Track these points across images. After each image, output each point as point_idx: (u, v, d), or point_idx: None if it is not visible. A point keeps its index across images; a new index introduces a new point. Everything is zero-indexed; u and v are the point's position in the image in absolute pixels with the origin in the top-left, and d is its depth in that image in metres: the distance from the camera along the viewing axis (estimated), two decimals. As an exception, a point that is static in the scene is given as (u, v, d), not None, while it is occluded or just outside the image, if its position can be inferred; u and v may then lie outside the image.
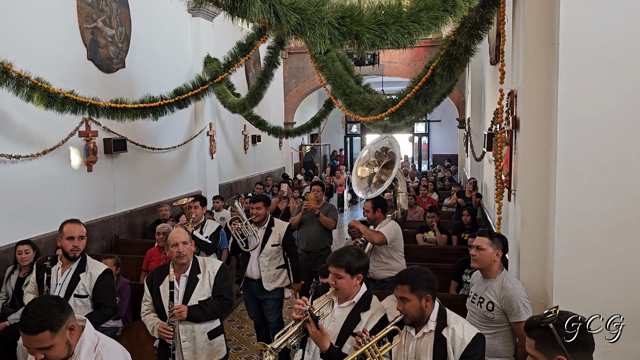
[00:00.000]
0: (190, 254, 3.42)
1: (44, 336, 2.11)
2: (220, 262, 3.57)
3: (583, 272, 3.04)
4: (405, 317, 2.63)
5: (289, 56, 14.83)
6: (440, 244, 6.81)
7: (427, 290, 2.62)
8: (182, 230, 3.47)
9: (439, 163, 19.38)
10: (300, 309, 2.60)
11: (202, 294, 3.39)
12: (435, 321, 2.62)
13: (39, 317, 2.14)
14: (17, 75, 4.73)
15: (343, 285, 2.77)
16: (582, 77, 2.97)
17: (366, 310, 2.79)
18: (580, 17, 2.93)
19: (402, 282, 2.64)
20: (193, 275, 3.42)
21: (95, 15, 6.62)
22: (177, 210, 7.39)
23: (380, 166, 5.40)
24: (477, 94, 10.93)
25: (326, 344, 2.58)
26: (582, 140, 2.99)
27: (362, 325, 2.74)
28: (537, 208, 3.28)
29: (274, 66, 7.91)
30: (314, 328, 2.56)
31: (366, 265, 2.87)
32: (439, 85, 4.08)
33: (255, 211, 4.84)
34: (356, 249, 2.91)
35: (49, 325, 2.12)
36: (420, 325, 2.65)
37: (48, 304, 2.20)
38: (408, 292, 2.60)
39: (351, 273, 2.76)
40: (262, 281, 4.78)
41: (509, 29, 3.89)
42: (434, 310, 2.66)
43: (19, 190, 5.49)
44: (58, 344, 2.15)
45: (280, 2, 2.20)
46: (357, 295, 2.83)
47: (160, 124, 7.71)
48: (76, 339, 2.23)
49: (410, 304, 2.60)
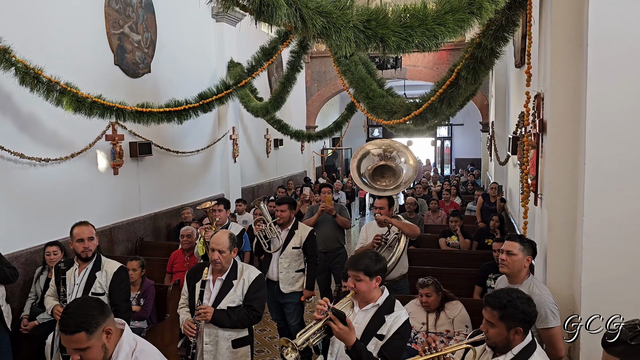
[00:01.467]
0: (226, 262, 3.39)
1: (80, 337, 2.11)
2: (259, 272, 3.50)
3: (612, 278, 2.98)
4: (487, 339, 2.47)
5: (311, 60, 14.88)
6: (464, 248, 6.75)
7: (521, 323, 2.38)
8: (223, 236, 3.41)
9: (461, 167, 19.20)
10: (321, 309, 2.59)
11: (232, 300, 3.37)
12: (515, 354, 2.41)
13: (77, 317, 2.14)
14: (47, 81, 4.85)
15: (363, 288, 2.77)
16: (611, 79, 2.92)
17: (391, 313, 2.79)
18: (610, 18, 2.88)
19: (493, 305, 2.41)
20: (229, 280, 3.40)
21: (122, 22, 6.75)
22: (201, 213, 7.46)
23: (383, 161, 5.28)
24: (502, 97, 10.80)
25: (352, 338, 2.54)
26: (611, 143, 2.94)
27: (387, 327, 2.74)
28: (565, 212, 3.23)
29: (297, 70, 7.95)
30: (339, 325, 2.52)
31: (384, 267, 2.87)
32: (464, 89, 4.05)
33: (279, 213, 4.87)
34: (373, 252, 2.90)
35: (86, 327, 2.12)
36: (500, 352, 2.46)
37: (88, 305, 2.21)
38: (497, 318, 2.39)
39: (370, 275, 2.76)
40: (280, 283, 4.80)
41: (535, 31, 3.84)
42: (521, 344, 2.42)
43: (48, 193, 5.61)
44: (94, 347, 2.14)
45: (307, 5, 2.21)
46: (380, 298, 2.83)
47: (185, 127, 7.81)
48: (113, 343, 2.22)
49: (496, 331, 2.41)
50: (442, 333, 4.11)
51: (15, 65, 4.61)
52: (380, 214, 4.81)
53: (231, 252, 3.41)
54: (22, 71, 4.66)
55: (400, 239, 4.79)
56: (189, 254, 5.83)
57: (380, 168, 5.30)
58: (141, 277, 4.89)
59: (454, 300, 4.29)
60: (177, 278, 5.52)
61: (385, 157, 5.30)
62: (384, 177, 5.31)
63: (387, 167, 5.25)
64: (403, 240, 4.80)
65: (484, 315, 2.47)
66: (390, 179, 5.25)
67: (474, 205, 9.56)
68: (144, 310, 4.78)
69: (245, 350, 3.48)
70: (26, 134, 5.34)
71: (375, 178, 5.28)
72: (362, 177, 5.24)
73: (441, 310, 4.21)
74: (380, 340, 2.73)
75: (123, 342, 2.24)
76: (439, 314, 4.20)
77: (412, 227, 4.81)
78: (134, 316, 4.74)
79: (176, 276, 5.69)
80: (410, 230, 4.77)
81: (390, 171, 5.26)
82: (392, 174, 5.26)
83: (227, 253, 3.38)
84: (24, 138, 5.30)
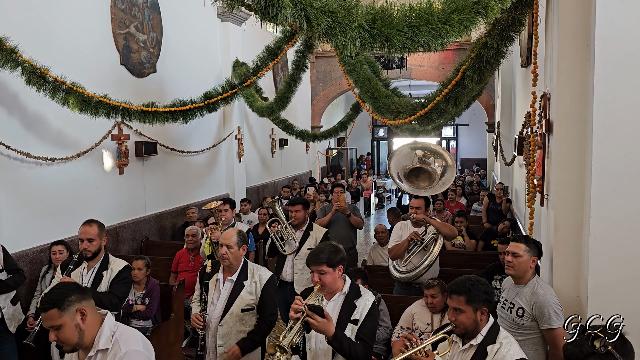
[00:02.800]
0: (234, 259, 3.37)
1: (52, 314, 2.21)
2: (270, 274, 3.48)
3: (619, 280, 2.96)
4: (457, 327, 2.55)
5: (316, 60, 14.86)
6: (469, 249, 6.72)
7: (484, 303, 2.52)
8: (232, 232, 3.42)
9: (467, 167, 19.14)
10: (297, 308, 2.63)
11: (245, 303, 3.34)
12: (484, 335, 2.53)
13: (52, 295, 2.27)
14: (53, 80, 4.86)
15: (327, 280, 2.83)
16: (618, 79, 2.90)
17: (359, 298, 2.88)
18: (617, 17, 2.86)
19: (458, 292, 2.54)
20: (239, 281, 3.37)
21: (128, 21, 6.77)
22: (206, 213, 7.47)
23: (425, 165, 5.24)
24: (507, 97, 10.76)
25: (332, 329, 2.62)
26: (618, 144, 2.92)
27: (359, 311, 2.83)
28: (571, 213, 3.21)
29: (302, 70, 7.94)
30: (318, 319, 2.59)
31: (344, 256, 2.92)
32: (469, 88, 4.04)
33: (294, 214, 4.86)
34: (329, 244, 2.96)
35: (58, 304, 2.22)
36: (470, 338, 2.57)
37: (66, 287, 2.32)
38: (464, 303, 2.51)
39: (332, 267, 2.83)
40: (295, 284, 4.79)
41: (542, 31, 3.82)
42: (487, 325, 2.56)
43: (53, 192, 5.63)
44: (66, 325, 2.23)
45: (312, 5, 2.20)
46: (345, 286, 2.92)
47: (190, 127, 7.82)
48: (91, 327, 2.29)
49: (465, 316, 2.52)
50: (447, 334, 4.09)
51: (22, 65, 4.63)
52: (416, 214, 4.73)
53: (239, 249, 3.38)
54: (28, 71, 4.67)
55: (437, 240, 4.69)
56: (194, 254, 5.84)
57: (417, 169, 5.25)
58: (146, 276, 4.90)
59: (459, 301, 4.26)
60: (182, 277, 5.53)
61: (424, 161, 5.26)
62: (419, 178, 5.24)
63: (424, 170, 5.20)
64: (440, 242, 4.71)
65: (450, 304, 2.58)
66: (426, 181, 5.19)
67: (479, 206, 9.52)
68: (148, 310, 4.79)
69: (256, 353, 3.47)
70: (32, 134, 5.36)
71: (410, 178, 5.22)
72: (398, 175, 5.15)
73: (446, 311, 4.19)
74: (355, 324, 2.81)
75: (104, 327, 2.32)
76: (444, 315, 4.18)
77: (451, 228, 4.78)
78: (139, 315, 4.76)
79: (181, 275, 5.70)
80: (449, 231, 4.72)
81: (425, 173, 5.20)
82: (427, 177, 5.19)
83: (235, 249, 3.36)
84: (30, 137, 5.33)
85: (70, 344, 2.27)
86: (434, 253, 4.63)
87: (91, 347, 2.30)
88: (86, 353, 2.31)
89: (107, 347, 2.28)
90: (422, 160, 5.16)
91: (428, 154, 5.17)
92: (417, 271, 4.65)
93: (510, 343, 2.51)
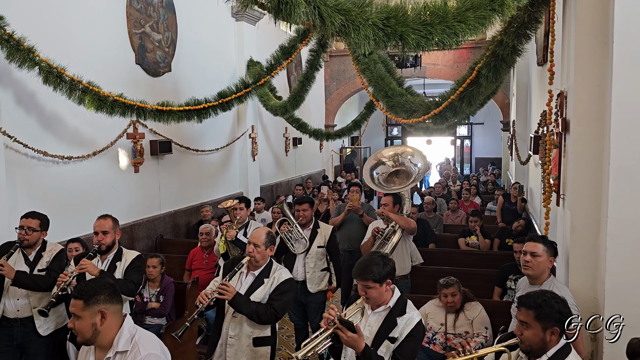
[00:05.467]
0: (261, 257, 3.42)
1: (77, 303, 2.29)
2: (289, 275, 3.50)
3: (637, 281, 2.92)
4: (522, 343, 2.38)
5: (330, 59, 14.85)
6: (483, 248, 6.67)
7: (557, 323, 2.31)
8: (262, 232, 3.48)
9: (481, 166, 18.98)
10: (329, 318, 2.56)
11: (258, 297, 3.37)
12: (549, 357, 2.34)
13: (85, 286, 2.34)
14: (69, 80, 4.92)
15: (374, 294, 2.75)
16: (637, 77, 2.85)
17: (402, 315, 2.77)
18: (636, 14, 2.82)
19: (528, 305, 2.35)
20: (260, 278, 3.43)
21: (143, 21, 6.82)
22: (220, 211, 7.51)
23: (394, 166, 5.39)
24: (523, 96, 10.65)
25: (361, 345, 2.53)
26: (637, 143, 2.87)
27: (399, 329, 2.72)
28: (588, 213, 3.17)
29: (316, 69, 7.93)
30: (348, 334, 2.51)
31: (392, 269, 2.82)
32: (484, 87, 3.99)
33: (302, 213, 4.87)
34: (380, 255, 2.84)
35: (85, 297, 2.29)
36: (536, 357, 2.38)
37: (101, 284, 2.37)
38: (532, 318, 2.33)
39: (380, 282, 2.73)
40: (307, 283, 4.80)
41: (558, 28, 3.77)
42: (556, 346, 2.34)
43: (70, 190, 5.70)
44: (84, 319, 2.28)
45: (325, 3, 2.20)
46: (392, 300, 2.81)
47: (204, 126, 7.85)
48: (110, 329, 2.32)
49: (532, 332, 2.33)
50: (461, 334, 4.07)
51: (39, 65, 4.69)
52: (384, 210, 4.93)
53: (267, 249, 3.44)
54: (45, 70, 4.73)
55: (396, 231, 4.87)
56: (208, 252, 5.87)
57: (395, 172, 5.37)
58: (160, 274, 4.94)
59: (474, 301, 4.24)
60: (195, 275, 5.56)
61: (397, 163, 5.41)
62: (398, 177, 5.35)
63: (401, 170, 5.33)
64: (398, 233, 4.87)
65: (518, 317, 2.40)
66: (403, 179, 5.31)
67: (494, 205, 9.44)
68: (163, 307, 4.82)
69: (265, 350, 3.45)
70: (49, 132, 5.43)
71: (389, 181, 5.35)
72: (374, 181, 5.36)
73: (460, 311, 4.16)
74: (392, 343, 2.71)
75: (124, 329, 2.36)
76: (458, 314, 4.15)
77: (407, 220, 4.91)
78: (153, 313, 4.79)
79: (195, 273, 5.73)
80: (404, 223, 4.85)
81: (403, 173, 5.32)
82: (405, 175, 5.31)
83: (262, 248, 3.41)
84: (47, 136, 5.40)
85: (83, 337, 2.32)
86: (392, 243, 4.79)
87: (110, 347, 2.33)
88: (104, 353, 2.34)
89: (126, 349, 2.32)
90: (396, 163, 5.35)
91: (397, 157, 5.39)
92: None
93: None
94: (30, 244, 3.97)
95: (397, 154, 5.39)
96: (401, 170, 5.28)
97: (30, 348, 4.01)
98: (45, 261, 4.01)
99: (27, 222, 3.94)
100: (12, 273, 3.78)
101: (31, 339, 3.98)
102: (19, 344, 3.98)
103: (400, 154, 5.38)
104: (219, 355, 3.44)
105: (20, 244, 3.94)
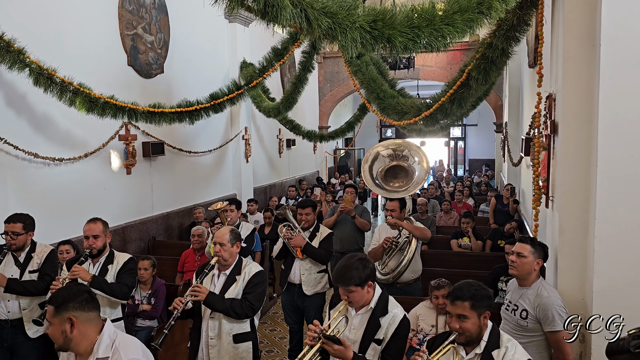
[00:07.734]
0: (229, 255, 3.46)
1: (49, 309, 2.30)
2: (260, 268, 3.55)
3: (624, 283, 2.94)
4: (461, 335, 2.46)
5: (323, 61, 14.87)
6: (475, 250, 6.69)
7: (488, 307, 2.46)
8: (225, 230, 3.52)
9: (475, 167, 19.04)
10: (312, 335, 2.55)
11: (232, 294, 3.41)
12: (486, 340, 2.47)
13: (58, 292, 2.35)
14: (60, 81, 4.90)
15: (356, 298, 2.77)
16: (624, 79, 2.87)
17: (385, 315, 2.78)
18: (623, 17, 2.84)
19: (462, 298, 2.45)
20: (232, 276, 3.48)
21: (135, 23, 6.81)
22: (212, 213, 7.49)
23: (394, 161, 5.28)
24: (515, 98, 10.71)
25: (349, 355, 2.53)
26: (624, 145, 2.89)
27: (383, 330, 2.74)
28: (576, 215, 3.19)
29: (309, 71, 7.94)
30: (334, 347, 2.51)
31: (372, 271, 2.83)
32: (475, 89, 4.01)
33: (305, 217, 4.81)
34: (358, 259, 2.83)
35: (55, 304, 2.28)
36: (472, 345, 2.49)
37: (74, 292, 2.33)
38: (469, 309, 2.43)
39: (361, 285, 2.74)
40: (303, 285, 4.76)
41: (547, 31, 3.79)
42: (487, 329, 2.50)
43: (61, 192, 5.67)
44: (55, 325, 2.27)
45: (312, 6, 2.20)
46: (373, 300, 2.83)
47: (197, 128, 7.84)
48: (83, 336, 2.27)
49: (470, 322, 2.43)
50: (452, 336, 4.07)
51: (30, 66, 4.67)
52: (391, 217, 4.78)
53: (232, 246, 3.47)
54: (36, 72, 4.71)
55: (411, 241, 4.78)
56: (200, 254, 5.86)
57: (393, 169, 5.28)
58: (152, 276, 4.93)
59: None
60: (187, 277, 5.55)
61: (396, 157, 5.28)
62: (397, 178, 5.29)
63: (400, 168, 5.24)
64: (414, 243, 4.79)
65: (453, 312, 2.47)
66: (403, 180, 5.23)
67: (486, 207, 9.47)
68: (154, 310, 4.82)
69: (247, 346, 3.48)
70: (40, 134, 5.41)
71: (387, 180, 5.26)
72: (374, 180, 5.24)
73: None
74: (378, 345, 2.72)
75: (104, 335, 2.32)
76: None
77: (423, 230, 4.79)
78: (145, 315, 4.78)
79: (187, 275, 5.73)
80: (420, 234, 4.75)
81: (402, 172, 5.24)
82: (404, 175, 5.23)
83: (228, 246, 3.45)
84: (38, 138, 5.37)
85: (57, 344, 2.31)
86: (409, 254, 4.72)
87: (90, 354, 2.29)
88: None
89: (106, 355, 2.27)
90: (395, 157, 5.19)
91: (401, 149, 5.23)
92: (397, 272, 4.77)
93: (515, 346, 2.47)
94: (19, 247, 3.96)
95: (396, 147, 5.25)
96: (400, 166, 5.16)
97: (21, 350, 3.99)
98: (36, 262, 4.00)
99: (10, 227, 3.91)
100: (4, 281, 3.77)
101: (21, 341, 3.96)
102: (9, 345, 3.96)
103: (399, 147, 5.24)
104: (201, 359, 3.45)
105: (9, 249, 3.93)
